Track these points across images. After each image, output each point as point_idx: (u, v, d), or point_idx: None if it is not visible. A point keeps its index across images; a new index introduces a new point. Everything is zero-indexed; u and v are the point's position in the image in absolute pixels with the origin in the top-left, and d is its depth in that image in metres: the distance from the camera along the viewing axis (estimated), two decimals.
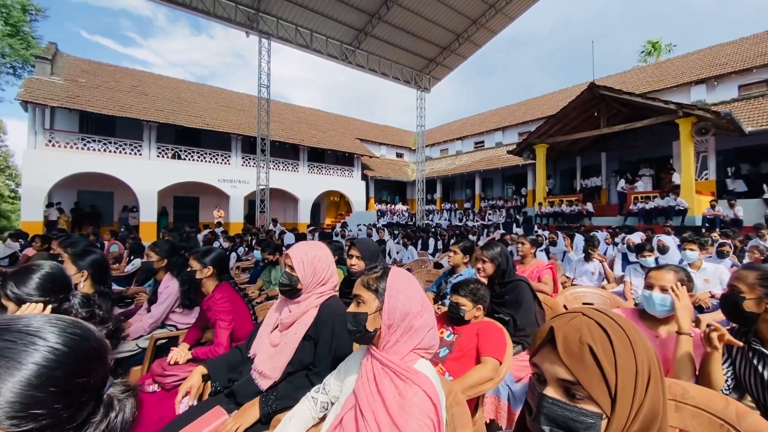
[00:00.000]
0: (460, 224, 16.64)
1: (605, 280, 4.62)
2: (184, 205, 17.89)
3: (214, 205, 17.29)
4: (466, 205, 22.08)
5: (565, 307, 2.77)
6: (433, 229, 12.14)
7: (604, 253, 6.16)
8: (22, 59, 16.58)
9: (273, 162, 17.30)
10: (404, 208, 23.28)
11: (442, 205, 22.94)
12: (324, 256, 1.75)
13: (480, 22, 14.46)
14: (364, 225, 13.93)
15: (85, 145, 14.16)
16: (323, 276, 1.72)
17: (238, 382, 1.63)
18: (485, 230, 13.10)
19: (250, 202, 17.67)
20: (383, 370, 1.13)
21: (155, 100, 16.45)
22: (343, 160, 21.88)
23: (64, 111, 13.84)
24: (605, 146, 15.73)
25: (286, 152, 19.23)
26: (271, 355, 1.63)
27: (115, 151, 14.67)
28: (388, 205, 23.38)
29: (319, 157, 20.82)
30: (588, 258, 4.82)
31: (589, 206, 13.01)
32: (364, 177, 22.52)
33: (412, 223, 19.94)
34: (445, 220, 19.89)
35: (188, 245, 3.03)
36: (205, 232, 8.59)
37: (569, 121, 13.67)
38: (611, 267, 4.91)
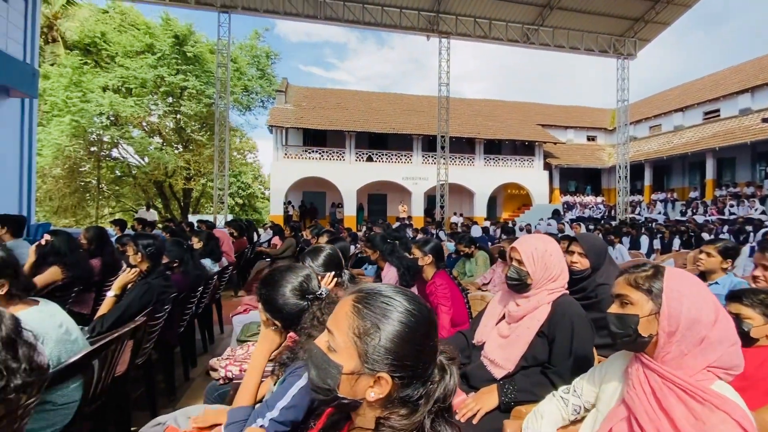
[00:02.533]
0: (683, 218, 13.18)
1: None
2: (375, 201, 20.41)
3: (399, 201, 19.05)
4: (692, 194, 17.32)
5: None
6: (646, 225, 10.03)
7: None
8: (267, 94, 22.16)
9: (450, 157, 17.78)
10: (598, 199, 20.13)
11: (653, 194, 18.70)
12: (555, 250, 1.67)
13: None
14: (550, 219, 12.73)
15: (307, 155, 17.91)
16: (554, 272, 1.64)
17: (471, 366, 1.72)
18: (725, 226, 9.98)
19: (429, 197, 18.69)
20: (665, 386, 0.98)
21: (353, 113, 19.31)
22: (522, 149, 20.53)
23: (293, 130, 17.90)
24: None
25: (462, 147, 19.44)
26: (501, 345, 1.66)
27: (326, 159, 18.01)
28: (577, 197, 20.65)
29: (496, 148, 20.17)
30: None
31: None
32: (547, 166, 20.55)
33: (610, 217, 17.04)
34: (660, 213, 16.14)
35: (399, 236, 3.43)
36: (396, 224, 9.54)
37: None
38: None
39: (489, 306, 1.92)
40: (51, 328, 1.43)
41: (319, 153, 18.02)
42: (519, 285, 1.65)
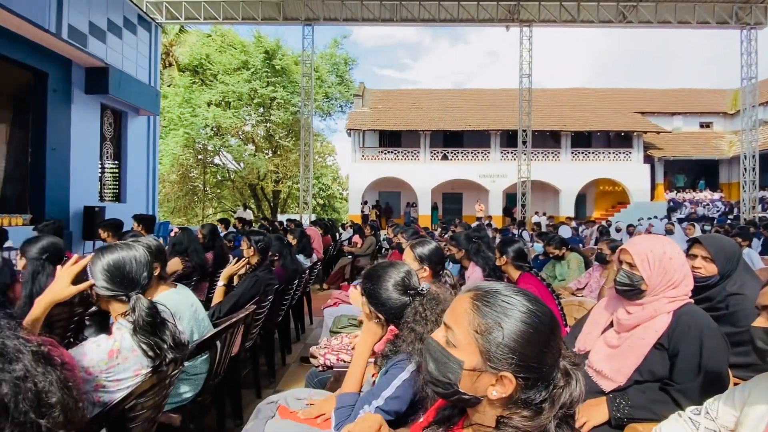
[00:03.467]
0: None
1: None
2: (450, 200, 20.10)
3: (475, 200, 18.50)
4: None
5: None
6: None
7: None
8: (345, 99, 23.15)
9: (532, 152, 16.74)
10: (715, 195, 17.29)
11: None
12: (676, 253, 1.48)
13: None
14: (654, 218, 11.27)
15: (383, 156, 18.34)
16: (675, 278, 1.46)
17: None
18: None
19: (508, 195, 17.84)
20: None
21: (428, 112, 19.25)
22: (617, 140, 18.51)
23: (370, 132, 18.44)
24: None
25: (545, 141, 18.18)
26: (609, 356, 1.53)
27: (401, 159, 18.24)
28: (687, 193, 17.98)
29: (585, 141, 18.47)
30: None
31: None
32: (648, 159, 18.24)
33: (730, 215, 14.54)
34: None
35: (480, 236, 3.34)
36: (476, 223, 9.29)
37: None
38: None
39: (592, 312, 1.78)
40: (185, 308, 1.68)
41: (394, 153, 18.31)
42: (630, 291, 1.50)
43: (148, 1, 11.89)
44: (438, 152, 18.35)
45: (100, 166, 9.51)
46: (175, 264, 3.19)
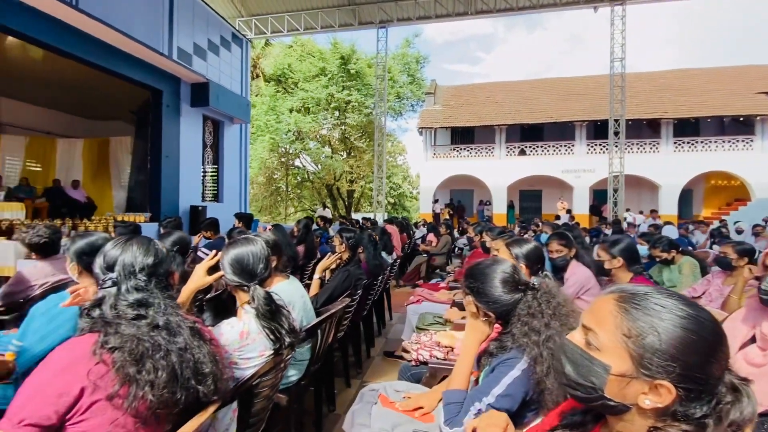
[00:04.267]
0: None
1: None
2: (528, 198, 19.01)
3: (557, 197, 17.24)
4: None
5: None
6: None
7: None
8: (417, 98, 23.16)
9: (626, 144, 15.10)
10: None
11: None
12: None
13: None
14: None
15: (455, 154, 17.99)
16: None
17: None
18: None
19: (595, 192, 16.34)
20: None
21: (503, 105, 18.42)
22: (734, 127, 15.87)
23: (441, 130, 18.21)
24: None
25: (640, 131, 16.27)
26: (752, 375, 1.32)
27: (474, 156, 17.72)
28: None
29: (692, 129, 16.13)
30: None
31: None
32: None
33: None
34: None
35: (575, 234, 3.10)
36: (560, 221, 8.67)
37: None
38: None
39: (724, 325, 1.56)
40: (297, 298, 1.84)
41: (468, 150, 17.85)
42: None
43: (240, 19, 13.14)
44: (515, 147, 17.46)
45: (202, 170, 10.76)
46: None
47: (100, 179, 10.53)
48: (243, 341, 1.32)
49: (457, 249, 8.70)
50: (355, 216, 17.47)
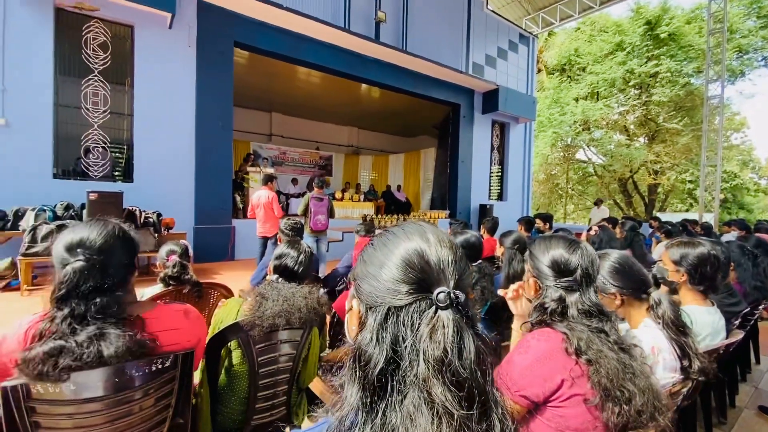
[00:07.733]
0: None
1: None
2: None
3: None
4: None
5: None
6: None
7: None
8: None
9: None
10: None
11: None
12: None
13: None
14: None
15: None
16: None
17: None
18: None
19: None
20: None
21: None
22: None
23: None
24: None
25: None
26: None
27: None
28: None
29: None
30: None
31: None
32: None
33: None
34: None
35: None
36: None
37: None
38: None
39: None
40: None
41: None
42: None
43: (527, 18, 13.12)
44: None
45: (489, 171, 11.53)
46: None
47: (414, 184, 13.25)
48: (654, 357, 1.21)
49: None
50: (664, 217, 13.83)
